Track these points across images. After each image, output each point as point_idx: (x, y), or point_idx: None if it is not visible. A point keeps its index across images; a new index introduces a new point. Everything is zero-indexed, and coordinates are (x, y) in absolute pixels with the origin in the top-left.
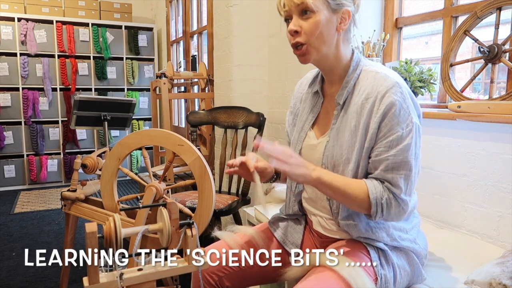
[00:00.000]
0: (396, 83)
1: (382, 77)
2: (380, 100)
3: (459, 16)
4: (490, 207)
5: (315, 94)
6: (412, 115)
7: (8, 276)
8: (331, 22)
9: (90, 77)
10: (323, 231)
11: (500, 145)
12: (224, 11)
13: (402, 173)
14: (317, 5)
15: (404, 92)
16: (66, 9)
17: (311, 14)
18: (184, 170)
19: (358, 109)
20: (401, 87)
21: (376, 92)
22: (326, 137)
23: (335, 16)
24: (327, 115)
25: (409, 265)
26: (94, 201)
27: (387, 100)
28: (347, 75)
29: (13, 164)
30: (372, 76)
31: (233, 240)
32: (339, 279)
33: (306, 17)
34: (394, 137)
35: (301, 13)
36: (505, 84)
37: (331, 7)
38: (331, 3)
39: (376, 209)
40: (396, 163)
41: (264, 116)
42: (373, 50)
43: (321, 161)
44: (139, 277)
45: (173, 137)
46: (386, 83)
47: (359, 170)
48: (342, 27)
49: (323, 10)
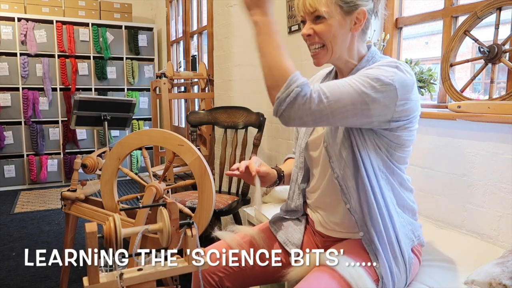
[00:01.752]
0: (398, 65)
1: (391, 59)
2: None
3: (459, 16)
4: (490, 207)
5: None
6: (395, 84)
7: (8, 276)
8: (345, 25)
9: (90, 77)
10: (324, 231)
11: (500, 145)
12: (224, 11)
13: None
14: (329, 11)
15: (402, 68)
16: (66, 9)
17: (323, 20)
18: (184, 170)
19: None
20: (401, 64)
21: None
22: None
23: (349, 18)
24: None
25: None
26: (94, 201)
27: (384, 61)
28: (359, 64)
29: (13, 164)
30: (380, 63)
31: (233, 240)
32: (340, 280)
33: (319, 22)
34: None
35: (314, 19)
36: (505, 84)
37: (344, 10)
38: (344, 7)
39: (280, 95)
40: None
41: (264, 116)
42: None
43: (321, 144)
44: (139, 277)
45: (173, 137)
46: (387, 59)
47: (360, 141)
48: (357, 28)
49: (336, 14)
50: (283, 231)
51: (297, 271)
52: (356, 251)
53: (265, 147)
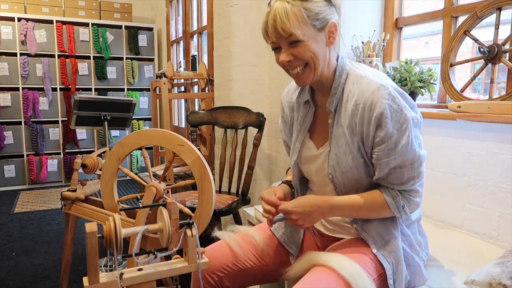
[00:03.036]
0: (380, 85)
1: (366, 82)
2: (369, 108)
3: (459, 16)
4: (490, 207)
5: (305, 104)
6: (404, 112)
7: (8, 276)
8: (320, 41)
9: (90, 77)
10: (324, 230)
11: (500, 145)
12: (224, 11)
13: (406, 171)
14: (304, 33)
15: (391, 91)
16: (66, 9)
17: (301, 43)
18: (184, 170)
19: (350, 116)
20: (387, 87)
21: (363, 99)
22: (327, 147)
23: (323, 33)
24: (323, 124)
25: (411, 265)
26: (94, 201)
27: (377, 107)
28: (334, 81)
29: (13, 164)
30: (357, 81)
31: (233, 240)
32: (339, 279)
33: (296, 45)
34: (391, 140)
35: (289, 43)
36: (505, 84)
37: (317, 28)
38: (317, 24)
39: (400, 214)
40: (398, 164)
41: (264, 116)
42: (373, 50)
43: (322, 172)
44: (139, 277)
45: (173, 137)
46: (371, 88)
47: (369, 169)
48: (331, 41)
49: (311, 34)
50: (283, 231)
51: (297, 270)
52: (356, 249)
53: (265, 147)
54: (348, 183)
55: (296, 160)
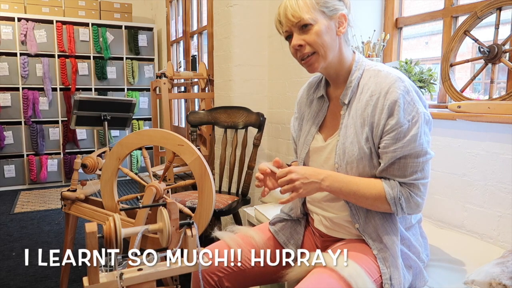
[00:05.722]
0: (398, 78)
1: (384, 74)
2: (384, 96)
3: (459, 16)
4: (490, 207)
5: (320, 98)
6: (417, 106)
7: (8, 276)
8: (331, 28)
9: (90, 77)
10: (324, 229)
11: (500, 145)
12: (224, 11)
13: (410, 163)
14: (314, 17)
15: (407, 85)
16: (66, 9)
17: (310, 27)
18: (184, 170)
19: (363, 107)
20: (404, 81)
21: (379, 89)
22: (335, 137)
23: (333, 22)
24: (334, 117)
25: (412, 267)
26: (94, 201)
27: (391, 96)
28: (350, 75)
29: (13, 164)
30: (374, 75)
31: (233, 240)
32: (340, 280)
33: (307, 30)
34: (401, 129)
35: (300, 28)
36: (505, 84)
37: (326, 14)
38: (326, 11)
39: (396, 208)
40: (403, 154)
41: (264, 116)
42: (373, 50)
43: (329, 161)
44: (139, 277)
45: (173, 137)
46: (388, 80)
47: (373, 162)
48: (342, 30)
49: (321, 19)
50: (283, 231)
51: (297, 271)
52: (356, 249)
53: (265, 147)
54: (351, 174)
55: (305, 156)
